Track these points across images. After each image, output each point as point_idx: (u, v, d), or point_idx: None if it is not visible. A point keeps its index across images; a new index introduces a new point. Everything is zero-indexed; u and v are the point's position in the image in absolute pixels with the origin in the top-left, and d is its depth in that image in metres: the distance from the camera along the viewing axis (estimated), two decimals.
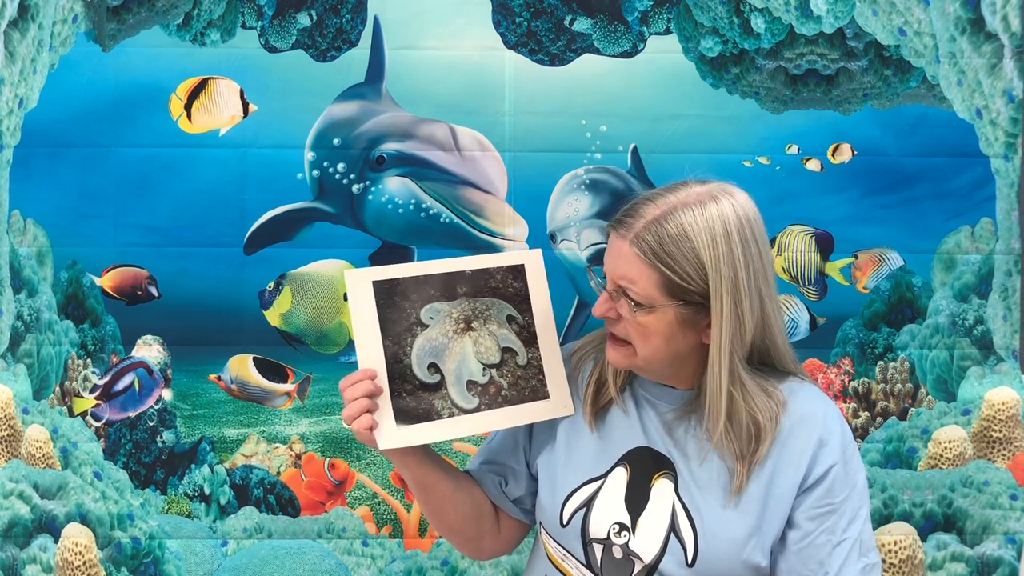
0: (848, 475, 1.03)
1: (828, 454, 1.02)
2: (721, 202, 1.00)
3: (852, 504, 1.03)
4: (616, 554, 1.05)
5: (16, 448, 1.77)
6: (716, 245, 0.97)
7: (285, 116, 1.77)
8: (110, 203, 1.78)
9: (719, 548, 1.01)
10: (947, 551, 1.73)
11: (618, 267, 1.00)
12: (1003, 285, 1.75)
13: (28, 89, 1.76)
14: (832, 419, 1.05)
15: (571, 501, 1.08)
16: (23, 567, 1.76)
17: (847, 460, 1.04)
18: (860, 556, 1.03)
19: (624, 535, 1.05)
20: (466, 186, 1.76)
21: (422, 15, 1.78)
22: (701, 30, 1.78)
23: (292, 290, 1.78)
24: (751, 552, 1.01)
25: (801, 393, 1.06)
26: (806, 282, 1.78)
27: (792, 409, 1.04)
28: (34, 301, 1.78)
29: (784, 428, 1.03)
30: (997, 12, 1.72)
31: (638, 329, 1.01)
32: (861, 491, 1.05)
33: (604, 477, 1.08)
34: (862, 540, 1.03)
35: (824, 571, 1.01)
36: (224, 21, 1.78)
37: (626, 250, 0.99)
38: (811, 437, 1.02)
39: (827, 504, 1.02)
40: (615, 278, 1.01)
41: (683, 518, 1.03)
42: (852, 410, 1.78)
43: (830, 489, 1.02)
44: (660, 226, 0.97)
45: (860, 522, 1.03)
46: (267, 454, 1.80)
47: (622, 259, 1.00)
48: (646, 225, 0.98)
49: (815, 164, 1.77)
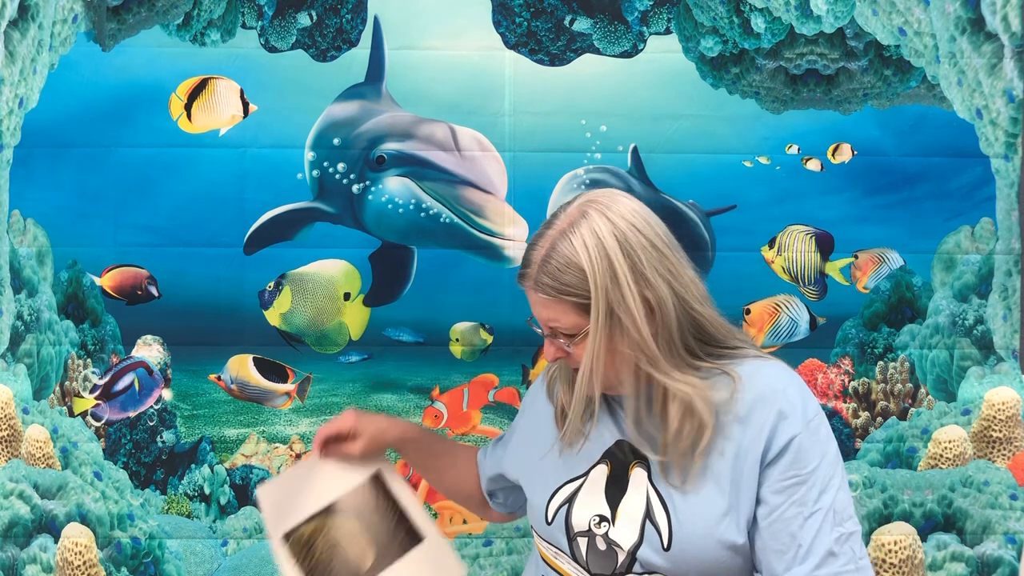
0: (816, 445, 1.03)
1: (789, 426, 1.03)
2: (590, 217, 1.04)
3: (822, 474, 1.02)
4: (600, 546, 1.07)
5: (16, 448, 1.77)
6: (593, 258, 1.02)
7: (285, 116, 1.78)
8: (110, 203, 1.78)
9: (693, 532, 1.02)
10: (947, 551, 1.73)
11: (540, 314, 1.07)
12: (1003, 285, 1.75)
13: (28, 89, 1.76)
14: (792, 392, 1.05)
15: (555, 499, 1.12)
16: (23, 567, 1.76)
17: (813, 431, 1.03)
18: (834, 526, 1.02)
19: (604, 525, 1.07)
20: (466, 186, 1.76)
21: (422, 15, 1.78)
22: (701, 30, 1.78)
23: (292, 290, 1.78)
24: (725, 531, 1.02)
25: (763, 370, 1.07)
26: (806, 282, 1.78)
27: (751, 386, 1.05)
28: (34, 301, 1.78)
29: (744, 407, 1.04)
30: (997, 12, 1.72)
31: (585, 357, 1.04)
32: (832, 461, 1.04)
33: (585, 475, 1.11)
34: (835, 510, 1.02)
35: (797, 544, 1.01)
36: (224, 21, 1.78)
37: (535, 297, 1.06)
38: (771, 411, 1.03)
39: (793, 476, 1.02)
40: (543, 323, 1.07)
41: (657, 505, 1.05)
42: (852, 410, 1.78)
43: (795, 460, 1.02)
44: (547, 264, 1.04)
45: (832, 492, 1.03)
46: (267, 454, 1.80)
47: (538, 306, 1.06)
48: (538, 269, 1.04)
49: (815, 164, 1.77)
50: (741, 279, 1.78)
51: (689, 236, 1.76)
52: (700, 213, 1.78)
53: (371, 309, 1.79)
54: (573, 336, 1.04)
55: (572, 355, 1.07)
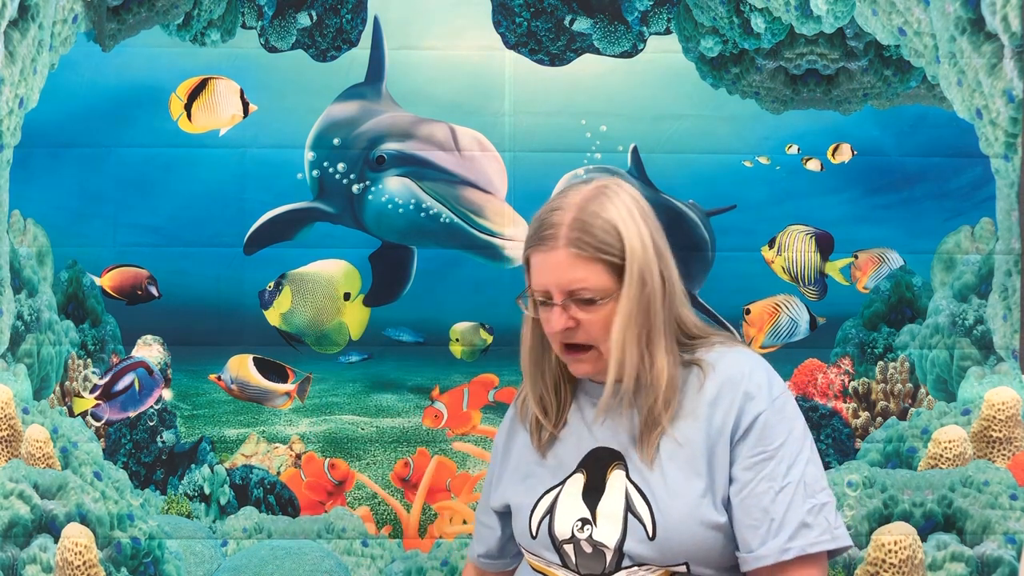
0: (782, 422, 1.05)
1: (755, 405, 1.05)
2: (621, 187, 1.09)
3: (790, 449, 1.04)
4: (586, 549, 1.08)
5: (16, 448, 1.77)
6: (629, 222, 1.05)
7: (285, 116, 1.78)
8: (110, 203, 1.78)
9: (674, 516, 1.04)
10: (947, 551, 1.73)
11: (561, 276, 1.05)
12: (1003, 285, 1.75)
13: (28, 89, 1.76)
14: (758, 373, 1.08)
15: (536, 512, 1.12)
16: (23, 567, 1.76)
17: (778, 409, 1.06)
18: (806, 498, 1.03)
19: (587, 528, 1.07)
20: (466, 186, 1.76)
21: (422, 15, 1.78)
22: (701, 30, 1.78)
23: (292, 290, 1.78)
24: (706, 511, 1.03)
25: (729, 356, 1.10)
26: (806, 282, 1.78)
27: (719, 370, 1.08)
28: (34, 301, 1.78)
29: (713, 390, 1.07)
30: (997, 12, 1.72)
31: (600, 325, 1.05)
32: (800, 436, 1.06)
33: (561, 484, 1.12)
34: (806, 483, 1.04)
35: (770, 518, 1.03)
36: (224, 21, 1.78)
37: (563, 257, 1.05)
38: (738, 392, 1.06)
39: (760, 452, 1.04)
40: (562, 287, 1.05)
41: (637, 497, 1.06)
42: (852, 410, 1.78)
43: (761, 436, 1.04)
44: (583, 223, 1.04)
45: (802, 465, 1.05)
46: (267, 454, 1.80)
47: (561, 267, 1.05)
48: (570, 227, 1.05)
49: (815, 164, 1.77)
50: (741, 279, 1.78)
51: (689, 236, 1.76)
52: (700, 213, 1.78)
53: (371, 309, 1.79)
54: (594, 301, 1.05)
55: (582, 324, 1.06)
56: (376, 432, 1.80)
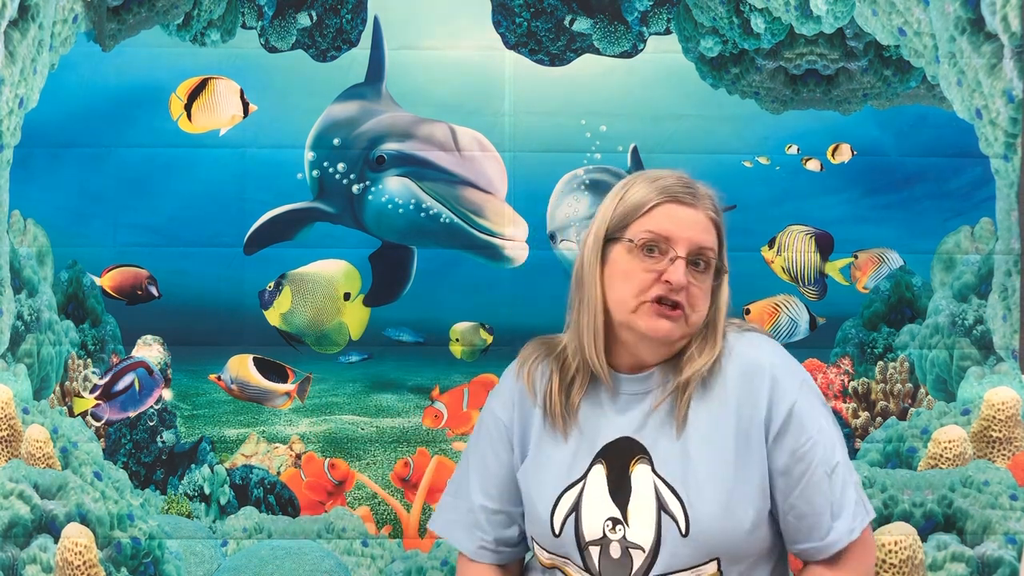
0: (813, 406, 1.07)
1: (785, 393, 1.06)
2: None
3: (827, 431, 1.07)
4: (614, 553, 1.05)
5: (16, 448, 1.77)
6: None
7: (285, 116, 1.78)
8: (110, 203, 1.78)
9: (707, 509, 1.03)
10: (947, 551, 1.73)
11: (696, 234, 1.08)
12: (1003, 285, 1.75)
13: (28, 89, 1.76)
14: (778, 357, 1.10)
15: (559, 509, 1.09)
16: (23, 567, 1.76)
17: (806, 392, 1.08)
18: (851, 473, 1.08)
19: (620, 529, 1.06)
20: (466, 186, 1.76)
21: (422, 15, 1.78)
22: (701, 30, 1.78)
23: (292, 290, 1.78)
24: (739, 502, 1.03)
25: (744, 338, 1.12)
26: (806, 282, 1.78)
27: (738, 354, 1.09)
28: (34, 301, 1.78)
29: (734, 373, 1.08)
30: (997, 12, 1.72)
31: (701, 293, 1.08)
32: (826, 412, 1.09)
33: (583, 478, 1.09)
34: (846, 459, 1.08)
35: (829, 502, 1.05)
36: (224, 21, 1.78)
37: (702, 219, 1.09)
38: (763, 379, 1.07)
39: (807, 440, 1.05)
40: (695, 243, 1.08)
41: (668, 494, 1.05)
42: (852, 410, 1.78)
43: (801, 426, 1.05)
44: (714, 200, 1.12)
45: (840, 442, 1.09)
46: (267, 454, 1.80)
47: (698, 227, 1.09)
48: (711, 198, 1.11)
49: (815, 164, 1.77)
50: (741, 279, 1.73)
51: None
52: None
53: (371, 309, 1.79)
54: (707, 270, 1.09)
55: (690, 289, 1.07)
56: (376, 432, 1.80)
